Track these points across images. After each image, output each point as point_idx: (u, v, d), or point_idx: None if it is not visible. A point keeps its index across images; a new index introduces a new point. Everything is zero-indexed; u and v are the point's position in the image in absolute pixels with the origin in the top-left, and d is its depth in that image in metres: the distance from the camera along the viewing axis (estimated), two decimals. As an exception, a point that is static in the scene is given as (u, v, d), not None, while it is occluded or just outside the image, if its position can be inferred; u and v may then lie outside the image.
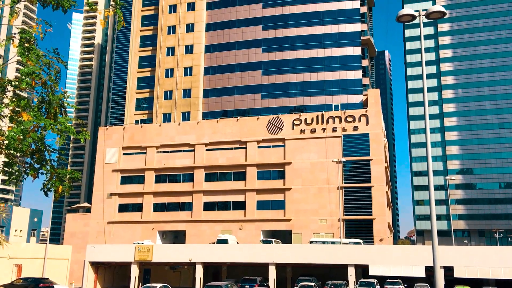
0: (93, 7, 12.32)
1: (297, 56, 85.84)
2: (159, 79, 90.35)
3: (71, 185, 11.82)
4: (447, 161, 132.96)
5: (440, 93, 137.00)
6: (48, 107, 10.73)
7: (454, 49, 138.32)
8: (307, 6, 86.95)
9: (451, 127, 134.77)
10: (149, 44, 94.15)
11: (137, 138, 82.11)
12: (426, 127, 21.08)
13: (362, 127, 72.75)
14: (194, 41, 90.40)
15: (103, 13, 12.84)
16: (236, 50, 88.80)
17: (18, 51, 10.49)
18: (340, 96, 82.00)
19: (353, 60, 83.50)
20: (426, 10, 20.55)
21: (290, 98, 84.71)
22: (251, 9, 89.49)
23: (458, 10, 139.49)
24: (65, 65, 11.37)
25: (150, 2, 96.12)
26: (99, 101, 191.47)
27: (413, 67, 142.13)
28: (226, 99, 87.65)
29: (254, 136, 76.60)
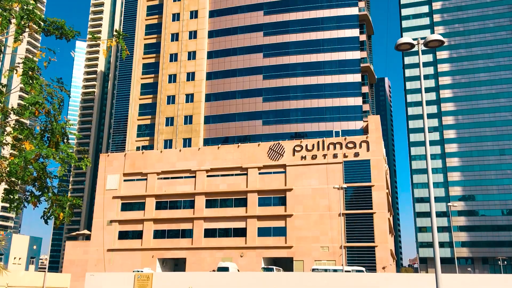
0: (95, 36, 12.54)
1: (298, 83, 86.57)
2: (160, 105, 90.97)
3: (72, 212, 11.80)
4: (449, 188, 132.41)
5: (440, 119, 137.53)
6: (51, 136, 10.82)
7: (453, 76, 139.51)
8: (307, 34, 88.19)
9: (452, 153, 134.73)
10: (151, 71, 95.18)
11: (138, 164, 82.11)
12: (427, 154, 21.12)
13: (363, 153, 72.77)
14: (195, 68, 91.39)
15: (105, 43, 13.05)
16: (237, 77, 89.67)
17: (22, 80, 10.64)
18: (340, 122, 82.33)
19: (353, 87, 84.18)
20: (425, 39, 20.84)
21: (291, 125, 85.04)
22: (252, 37, 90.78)
23: (457, 38, 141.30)
24: (68, 94, 11.51)
25: (152, 31, 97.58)
26: (101, 127, 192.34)
27: (413, 93, 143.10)
28: (227, 126, 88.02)
29: (255, 163, 76.58)
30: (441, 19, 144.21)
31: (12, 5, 10.74)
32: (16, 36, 11.05)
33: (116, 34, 12.72)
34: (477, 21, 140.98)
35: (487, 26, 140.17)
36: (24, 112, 10.45)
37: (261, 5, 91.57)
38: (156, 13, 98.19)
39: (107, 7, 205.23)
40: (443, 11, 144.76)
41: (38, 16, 11.23)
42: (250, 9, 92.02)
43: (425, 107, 21.80)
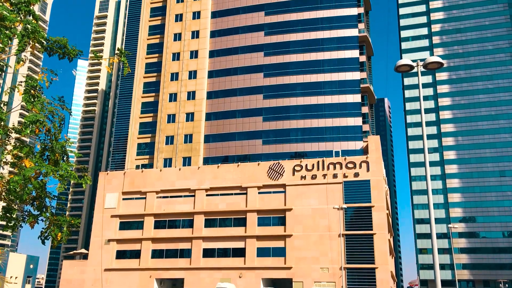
0: (97, 54, 12.63)
1: (298, 102, 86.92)
2: (161, 124, 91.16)
3: (70, 233, 11.71)
4: (449, 209, 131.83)
5: (440, 140, 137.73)
6: (51, 154, 10.81)
7: (453, 98, 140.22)
8: (307, 55, 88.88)
9: (452, 174, 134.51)
10: (152, 90, 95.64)
11: (137, 183, 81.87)
12: (427, 175, 21.06)
13: (363, 173, 72.62)
14: (196, 87, 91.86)
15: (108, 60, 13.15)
16: (237, 97, 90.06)
17: (24, 98, 10.68)
18: (340, 142, 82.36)
19: (353, 107, 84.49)
20: (424, 61, 20.98)
21: (291, 144, 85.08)
22: (253, 57, 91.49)
23: (456, 60, 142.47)
24: (70, 112, 11.54)
25: (154, 50, 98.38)
26: (101, 146, 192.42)
27: (413, 114, 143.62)
28: (227, 145, 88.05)
29: (255, 182, 76.37)
30: (440, 41, 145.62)
31: (14, 24, 10.85)
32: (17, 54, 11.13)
33: (118, 52, 12.82)
34: (476, 43, 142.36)
35: (486, 48, 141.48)
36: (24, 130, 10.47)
37: (262, 26, 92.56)
38: (157, 33, 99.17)
39: (109, 27, 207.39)
40: (442, 33, 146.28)
41: (40, 35, 11.34)
42: (251, 30, 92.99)
43: (424, 128, 21.84)
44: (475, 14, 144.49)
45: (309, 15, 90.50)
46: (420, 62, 21.55)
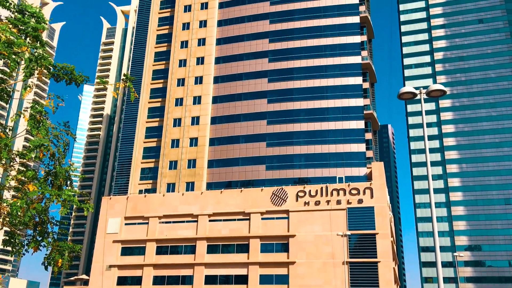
0: (103, 80, 12.79)
1: (301, 128, 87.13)
2: (164, 149, 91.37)
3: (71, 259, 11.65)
4: (455, 237, 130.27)
5: (444, 167, 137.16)
6: (54, 179, 10.85)
7: (457, 125, 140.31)
8: (311, 81, 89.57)
9: (457, 201, 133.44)
10: (156, 115, 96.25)
11: (140, 208, 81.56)
12: (431, 202, 20.92)
13: (367, 200, 72.18)
14: (200, 113, 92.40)
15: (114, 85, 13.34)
16: (241, 122, 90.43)
17: (29, 123, 10.78)
18: (344, 168, 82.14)
19: (357, 133, 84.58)
20: (427, 88, 21.10)
21: (294, 170, 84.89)
22: (257, 83, 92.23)
23: (459, 87, 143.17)
24: (74, 138, 11.63)
25: (159, 76, 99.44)
26: (104, 170, 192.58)
27: (416, 141, 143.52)
28: (231, 170, 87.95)
29: (258, 208, 75.97)
30: (443, 69, 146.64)
31: (22, 49, 11.05)
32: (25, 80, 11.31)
33: (125, 77, 13.01)
34: (479, 71, 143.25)
35: (488, 76, 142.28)
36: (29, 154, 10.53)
37: (266, 53, 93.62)
38: (163, 58, 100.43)
39: (116, 53, 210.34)
40: (444, 61, 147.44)
41: (48, 61, 11.52)
42: (255, 56, 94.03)
43: (428, 154, 21.81)
44: (478, 43, 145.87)
45: (313, 43, 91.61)
46: (423, 90, 21.67)
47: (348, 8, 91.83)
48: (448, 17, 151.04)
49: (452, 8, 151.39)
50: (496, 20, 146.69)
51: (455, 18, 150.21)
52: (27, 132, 14.38)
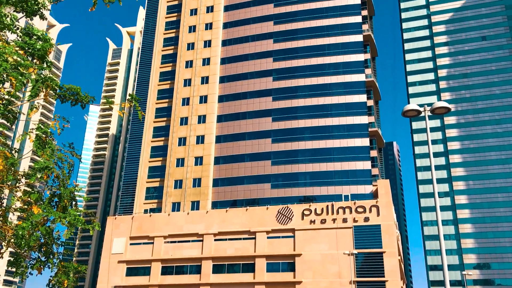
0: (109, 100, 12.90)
1: (306, 146, 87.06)
2: (169, 168, 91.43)
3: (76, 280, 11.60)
4: (463, 255, 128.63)
5: (451, 184, 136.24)
6: (59, 200, 10.89)
7: (462, 141, 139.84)
8: (315, 99, 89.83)
9: (464, 219, 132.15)
10: (161, 134, 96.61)
11: (145, 227, 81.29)
12: (438, 220, 20.73)
13: (373, 218, 71.63)
14: (205, 131, 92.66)
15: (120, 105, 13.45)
16: (246, 141, 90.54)
17: (34, 144, 10.86)
18: (349, 186, 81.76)
19: (362, 151, 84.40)
20: (431, 106, 21.11)
21: (300, 188, 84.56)
22: (261, 102, 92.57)
23: (464, 104, 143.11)
24: (80, 159, 11.69)
25: (164, 95, 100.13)
26: (110, 190, 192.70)
27: (422, 158, 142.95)
28: (236, 189, 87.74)
29: (263, 226, 75.50)
30: (447, 86, 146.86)
31: (28, 70, 11.21)
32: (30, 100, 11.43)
33: (130, 97, 13.14)
34: (483, 88, 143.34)
35: (493, 92, 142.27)
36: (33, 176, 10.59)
37: (270, 71, 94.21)
38: (168, 78, 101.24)
39: (121, 73, 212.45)
40: (448, 78, 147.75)
41: (54, 82, 11.66)
42: (260, 75, 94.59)
43: (434, 172, 21.70)
44: (481, 60, 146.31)
45: (317, 61, 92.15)
46: (427, 107, 21.67)
47: (351, 27, 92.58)
48: (451, 35, 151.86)
49: (455, 26, 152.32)
50: (499, 37, 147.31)
51: (458, 35, 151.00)
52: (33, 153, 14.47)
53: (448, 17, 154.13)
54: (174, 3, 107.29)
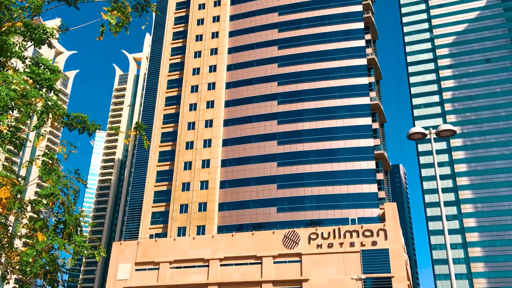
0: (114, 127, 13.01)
1: (312, 169, 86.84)
2: (175, 192, 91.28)
3: (81, 307, 11.49)
4: (473, 279, 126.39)
5: (459, 207, 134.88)
6: (64, 227, 10.89)
7: (469, 164, 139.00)
8: (320, 122, 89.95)
9: (474, 242, 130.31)
10: (167, 158, 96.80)
11: (150, 253, 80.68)
12: (446, 243, 20.46)
13: (381, 242, 70.78)
14: (210, 156, 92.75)
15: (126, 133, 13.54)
16: (251, 164, 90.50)
17: (40, 171, 10.93)
18: (356, 210, 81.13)
19: (368, 174, 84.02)
20: (436, 128, 21.08)
21: (306, 212, 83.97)
22: (266, 125, 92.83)
23: (469, 126, 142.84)
24: (85, 184, 11.74)
25: (170, 120, 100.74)
26: (115, 215, 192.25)
27: (429, 181, 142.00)
28: (242, 213, 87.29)
29: (270, 251, 74.76)
30: (453, 108, 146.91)
31: (36, 100, 11.38)
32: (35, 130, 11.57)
33: (136, 125, 13.23)
34: (489, 110, 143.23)
35: (499, 114, 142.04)
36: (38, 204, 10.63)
37: (275, 95, 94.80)
38: (174, 103, 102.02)
39: (128, 99, 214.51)
40: (453, 100, 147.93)
41: (61, 111, 11.81)
42: (265, 99, 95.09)
43: (441, 195, 21.53)
44: (486, 82, 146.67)
45: (321, 85, 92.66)
46: (433, 130, 21.63)
47: (355, 50, 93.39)
48: (455, 58, 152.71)
49: (459, 49, 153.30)
50: (503, 60, 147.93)
51: (462, 58, 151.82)
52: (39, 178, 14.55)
53: (451, 40, 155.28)
54: (179, 29, 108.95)
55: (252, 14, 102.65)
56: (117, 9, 13.81)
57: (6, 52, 11.75)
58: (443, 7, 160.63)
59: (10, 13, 12.83)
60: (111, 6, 13.87)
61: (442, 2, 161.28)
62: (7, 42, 11.69)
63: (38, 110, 11.45)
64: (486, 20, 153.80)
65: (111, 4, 13.93)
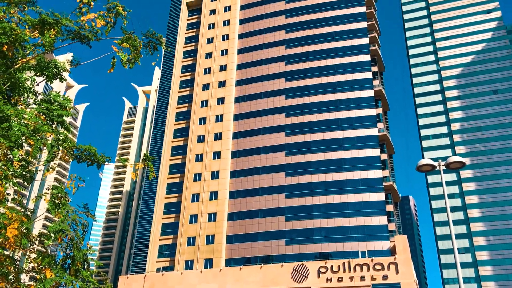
0: (123, 159, 13.07)
1: (321, 201, 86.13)
2: (183, 225, 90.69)
3: None
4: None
5: (471, 240, 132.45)
6: (72, 263, 10.82)
7: (480, 195, 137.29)
8: (328, 154, 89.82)
9: (487, 276, 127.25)
10: (175, 191, 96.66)
11: (157, 287, 79.54)
12: (459, 278, 19.99)
13: (392, 275, 69.31)
14: (218, 187, 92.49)
15: (134, 166, 13.61)
16: (259, 196, 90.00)
17: (49, 206, 10.94)
18: (366, 242, 79.89)
19: (377, 205, 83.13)
20: (446, 161, 20.92)
21: (315, 244, 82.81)
22: (274, 157, 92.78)
23: (479, 157, 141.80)
24: (94, 219, 11.73)
25: (178, 152, 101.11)
26: (122, 248, 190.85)
27: (440, 212, 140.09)
28: (250, 245, 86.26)
29: (278, 285, 73.40)
30: (462, 139, 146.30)
31: (46, 134, 11.51)
32: (45, 164, 11.65)
33: (144, 157, 13.28)
34: (498, 141, 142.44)
35: (508, 145, 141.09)
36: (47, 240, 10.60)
37: (283, 127, 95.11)
38: (182, 135, 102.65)
39: (136, 131, 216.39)
40: (462, 131, 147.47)
41: (71, 144, 11.92)
42: (273, 131, 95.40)
43: (452, 227, 21.17)
44: (494, 113, 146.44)
45: (329, 116, 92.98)
46: (442, 162, 21.46)
47: (362, 82, 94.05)
48: (462, 89, 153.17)
49: (466, 80, 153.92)
50: (511, 91, 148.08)
51: (470, 89, 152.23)
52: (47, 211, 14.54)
53: (458, 72, 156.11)
54: (188, 63, 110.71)
55: (260, 48, 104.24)
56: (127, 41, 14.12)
57: (19, 88, 11.99)
58: (449, 39, 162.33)
59: (24, 50, 13.15)
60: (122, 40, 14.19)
61: (448, 34, 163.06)
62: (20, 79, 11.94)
63: (49, 144, 11.57)
64: (493, 52, 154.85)
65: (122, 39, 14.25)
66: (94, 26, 14.01)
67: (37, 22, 13.26)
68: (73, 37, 13.72)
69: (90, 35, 13.81)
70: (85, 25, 13.93)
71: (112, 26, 14.25)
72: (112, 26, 14.23)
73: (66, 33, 13.68)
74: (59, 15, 13.49)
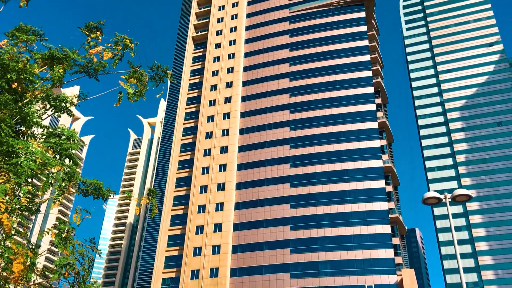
0: (129, 193, 13.10)
1: (326, 234, 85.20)
2: (186, 257, 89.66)
3: None
4: None
5: (479, 274, 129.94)
6: (77, 298, 10.73)
7: (487, 228, 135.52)
8: (333, 185, 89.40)
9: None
10: (179, 222, 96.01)
11: (160, 321, 77.99)
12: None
13: (399, 311, 67.76)
14: (223, 220, 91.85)
15: (138, 200, 13.61)
16: (264, 228, 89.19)
17: (56, 241, 10.93)
18: (373, 276, 78.52)
19: (383, 238, 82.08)
20: (452, 193, 20.81)
21: (321, 278, 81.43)
22: (279, 189, 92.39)
23: (485, 189, 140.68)
24: (100, 254, 11.69)
25: (182, 183, 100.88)
26: (125, 280, 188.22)
27: (447, 245, 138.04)
28: (254, 279, 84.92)
29: (283, 321, 71.77)
30: (467, 171, 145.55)
31: (55, 168, 11.61)
32: (57, 198, 11.70)
33: (149, 192, 13.33)
34: (504, 173, 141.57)
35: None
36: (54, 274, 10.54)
37: (288, 158, 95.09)
38: (186, 167, 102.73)
39: (141, 162, 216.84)
40: (467, 163, 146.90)
41: (78, 178, 12.01)
42: (277, 162, 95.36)
43: (460, 261, 20.86)
44: (499, 145, 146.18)
45: (333, 148, 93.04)
46: (448, 195, 21.35)
47: (366, 114, 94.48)
48: (466, 121, 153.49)
49: (470, 112, 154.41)
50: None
51: (474, 121, 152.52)
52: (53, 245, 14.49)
53: (461, 104, 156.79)
54: (193, 95, 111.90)
55: (264, 80, 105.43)
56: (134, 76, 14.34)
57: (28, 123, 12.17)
58: (452, 72, 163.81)
59: (33, 84, 13.41)
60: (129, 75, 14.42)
61: (451, 67, 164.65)
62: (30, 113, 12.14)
63: (60, 178, 11.65)
64: (496, 84, 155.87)
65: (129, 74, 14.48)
66: (101, 58, 14.24)
67: (47, 56, 13.54)
68: (81, 71, 13.98)
69: (98, 67, 14.05)
70: (93, 58, 14.18)
71: (120, 59, 14.47)
72: (119, 58, 14.46)
73: (75, 67, 13.94)
74: (68, 50, 13.77)
